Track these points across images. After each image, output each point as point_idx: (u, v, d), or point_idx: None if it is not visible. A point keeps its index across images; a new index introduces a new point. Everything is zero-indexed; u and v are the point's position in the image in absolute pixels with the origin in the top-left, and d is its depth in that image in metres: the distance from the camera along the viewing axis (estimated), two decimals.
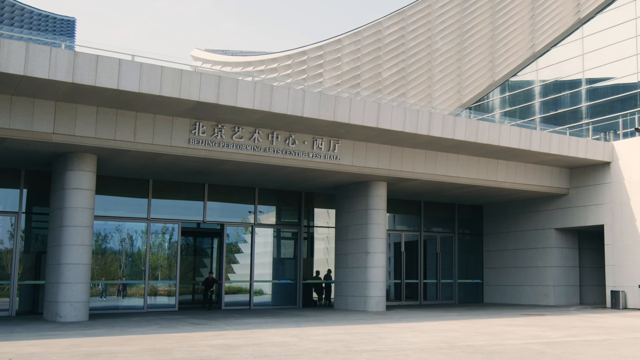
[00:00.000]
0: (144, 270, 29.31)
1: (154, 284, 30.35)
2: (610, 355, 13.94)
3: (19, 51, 18.11)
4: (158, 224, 29.74)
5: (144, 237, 29.40)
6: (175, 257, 30.19)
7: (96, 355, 13.43)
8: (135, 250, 29.97)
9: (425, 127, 26.41)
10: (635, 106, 43.28)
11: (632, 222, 31.97)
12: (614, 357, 13.66)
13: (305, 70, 71.07)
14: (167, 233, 30.35)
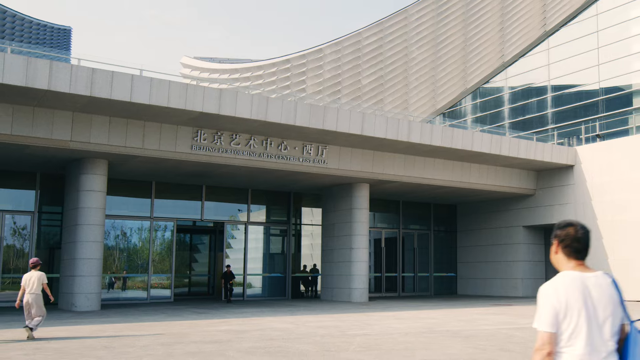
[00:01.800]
0: (147, 265, 30.46)
1: (155, 276, 31.44)
2: None
3: (44, 68, 19.31)
4: (160, 222, 30.89)
5: (147, 234, 30.54)
6: (173, 252, 31.36)
7: (123, 338, 14.73)
8: (138, 246, 31.09)
9: (405, 134, 27.77)
10: (597, 112, 44.70)
11: (593, 221, 33.33)
12: None
13: (289, 77, 71.85)
14: (167, 230, 31.46)
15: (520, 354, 12.54)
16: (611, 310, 3.75)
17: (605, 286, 3.80)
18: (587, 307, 3.71)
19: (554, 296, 3.76)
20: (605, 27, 45.25)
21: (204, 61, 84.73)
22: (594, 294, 3.75)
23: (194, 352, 12.45)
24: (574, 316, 3.69)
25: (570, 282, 3.78)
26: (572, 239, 3.93)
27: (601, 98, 44.70)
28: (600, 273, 3.86)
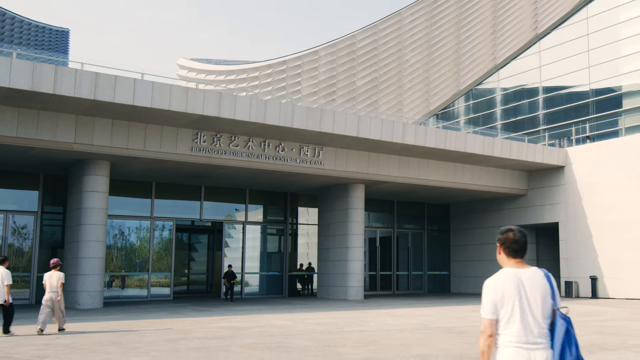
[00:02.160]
0: (145, 264, 30.86)
1: (155, 275, 31.81)
2: None
3: (49, 73, 19.72)
4: (159, 221, 31.28)
5: (146, 234, 30.92)
6: (172, 252, 31.78)
7: (131, 333, 15.16)
8: (138, 245, 31.47)
9: (400, 135, 28.23)
10: (587, 114, 45.23)
11: (583, 220, 33.86)
12: None
13: (284, 78, 72.21)
14: (166, 230, 31.86)
15: None
16: (541, 299, 4.45)
17: (538, 279, 4.51)
18: (520, 297, 4.42)
19: (493, 290, 4.49)
20: (596, 30, 45.78)
21: (200, 62, 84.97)
22: (527, 286, 4.46)
23: (198, 347, 12.87)
24: (509, 305, 4.42)
25: (507, 278, 4.50)
26: (511, 242, 4.68)
27: (592, 100, 45.23)
28: (534, 269, 4.59)
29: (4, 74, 18.94)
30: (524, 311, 4.41)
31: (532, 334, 4.40)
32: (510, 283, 4.47)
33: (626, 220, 31.74)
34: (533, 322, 4.42)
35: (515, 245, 4.68)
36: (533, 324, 4.41)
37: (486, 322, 4.47)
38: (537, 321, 4.42)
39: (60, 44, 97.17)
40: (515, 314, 4.42)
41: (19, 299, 27.28)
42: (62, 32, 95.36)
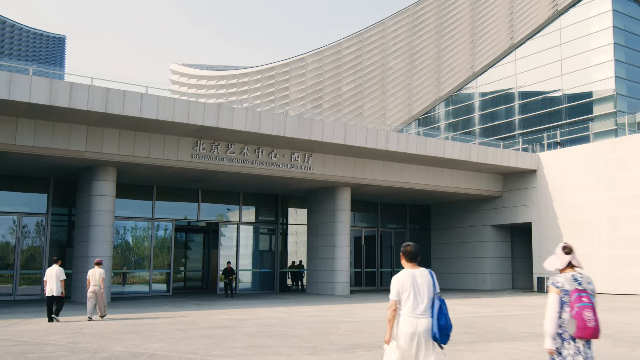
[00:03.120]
0: (145, 262, 32.32)
1: (156, 272, 33.23)
2: (524, 324, 17.57)
3: (65, 89, 21.17)
4: (159, 222, 32.73)
5: (148, 233, 32.37)
6: (172, 250, 33.26)
7: (143, 325, 16.68)
8: (139, 244, 32.87)
9: (383, 142, 29.83)
10: (560, 119, 47.00)
11: (554, 220, 35.53)
12: (526, 325, 17.30)
13: (273, 84, 73.47)
14: (166, 230, 33.30)
15: (479, 335, 14.57)
16: (427, 288, 6.75)
17: (425, 275, 6.83)
18: (413, 286, 6.72)
19: (397, 282, 6.78)
20: (568, 41, 47.51)
21: (191, 68, 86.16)
22: (418, 280, 6.77)
23: (208, 335, 14.41)
24: (407, 292, 6.70)
25: (406, 275, 6.79)
26: (409, 253, 6.96)
27: (564, 106, 47.02)
28: (423, 269, 6.92)
29: (24, 90, 20.40)
30: (415, 295, 6.70)
31: (419, 309, 6.67)
32: (408, 278, 6.77)
33: (593, 220, 33.42)
34: (420, 302, 6.70)
35: (411, 254, 6.95)
36: (420, 303, 6.69)
37: (392, 302, 6.75)
38: (423, 301, 6.71)
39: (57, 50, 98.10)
40: (410, 297, 6.70)
41: (31, 294, 28.80)
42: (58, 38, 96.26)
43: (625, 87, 45.04)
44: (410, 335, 6.61)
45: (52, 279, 17.80)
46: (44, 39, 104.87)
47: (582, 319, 6.01)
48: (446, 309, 6.76)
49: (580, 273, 6.34)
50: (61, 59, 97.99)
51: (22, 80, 20.48)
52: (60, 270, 17.96)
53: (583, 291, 6.15)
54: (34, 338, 13.71)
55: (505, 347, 12.38)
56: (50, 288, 17.67)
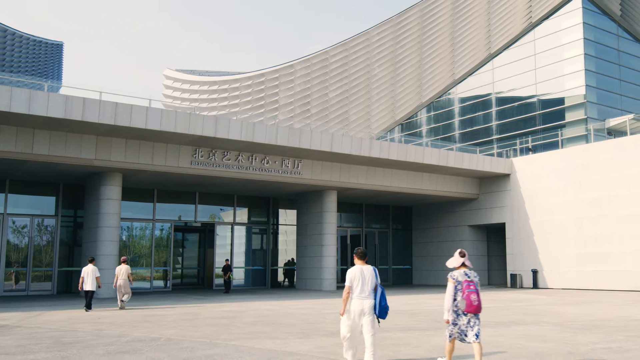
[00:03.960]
0: (145, 259, 34.10)
1: (157, 269, 35.00)
2: (488, 315, 19.51)
3: (79, 104, 22.97)
4: (160, 223, 34.52)
5: (149, 233, 34.15)
6: (171, 249, 35.07)
7: (153, 316, 18.51)
8: (140, 243, 34.62)
9: (367, 150, 31.73)
10: (534, 125, 49.00)
11: (526, 221, 37.49)
12: (490, 316, 19.25)
13: (263, 90, 75.09)
14: (165, 230, 35.08)
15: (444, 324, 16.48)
16: (371, 278, 9.42)
17: (370, 270, 9.47)
18: (362, 277, 9.39)
19: (351, 273, 9.46)
20: (542, 51, 49.51)
21: (185, 74, 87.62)
22: (365, 273, 9.46)
23: (212, 323, 16.26)
24: (356, 280, 9.37)
25: (357, 269, 9.50)
26: (360, 253, 9.67)
27: (538, 112, 49.02)
28: (369, 265, 9.57)
29: (42, 106, 22.19)
30: (362, 283, 9.41)
31: (365, 293, 9.39)
32: (358, 271, 9.51)
33: (562, 221, 35.41)
34: (366, 288, 9.42)
35: (361, 255, 9.71)
36: (366, 289, 9.41)
37: (347, 287, 9.47)
38: (367, 288, 9.42)
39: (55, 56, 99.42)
40: (359, 284, 9.41)
41: (42, 290, 30.55)
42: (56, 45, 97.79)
43: (595, 95, 47.06)
44: (359, 312, 9.36)
45: (88, 276, 20.82)
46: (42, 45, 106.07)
47: (470, 300, 8.85)
48: (385, 294, 9.48)
49: (469, 269, 9.22)
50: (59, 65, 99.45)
51: (40, 96, 22.27)
52: (94, 269, 21.05)
53: (471, 282, 8.99)
54: (62, 326, 15.53)
55: None
56: (86, 283, 20.75)
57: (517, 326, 15.79)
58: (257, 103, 75.39)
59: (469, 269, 9.31)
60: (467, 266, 9.31)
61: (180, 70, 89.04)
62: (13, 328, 15.10)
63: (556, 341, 12.66)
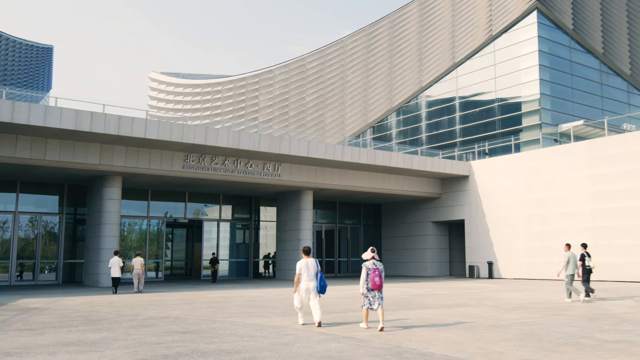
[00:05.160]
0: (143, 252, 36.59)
1: (151, 262, 37.55)
2: (441, 299, 22.41)
3: (87, 117, 25.55)
4: (153, 219, 37.08)
5: (144, 229, 36.71)
6: (163, 243, 37.67)
7: (156, 301, 21.19)
8: (135, 237, 37.14)
9: (340, 155, 34.53)
10: (494, 129, 52.03)
11: (482, 218, 40.47)
12: (442, 300, 22.14)
13: (244, 93, 77.45)
14: (158, 226, 37.64)
15: (403, 306, 19.32)
16: (313, 268, 13.74)
17: (313, 261, 13.77)
18: (307, 267, 13.68)
19: (299, 264, 13.68)
20: (501, 61, 52.52)
21: (169, 76, 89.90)
22: (309, 264, 13.72)
23: (207, 306, 18.98)
24: (303, 269, 13.66)
25: (303, 261, 13.75)
26: (306, 249, 13.90)
27: (498, 118, 52.01)
28: (312, 258, 13.80)
29: (55, 119, 24.75)
30: (308, 271, 13.55)
31: (310, 277, 13.57)
32: (304, 263, 13.61)
33: (514, 218, 38.41)
34: (310, 274, 13.59)
35: (307, 251, 13.78)
36: (310, 274, 13.59)
37: (297, 274, 13.49)
38: (311, 273, 13.60)
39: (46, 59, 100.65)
40: (305, 271, 13.54)
41: (48, 280, 33.06)
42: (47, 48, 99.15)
43: (550, 102, 50.13)
44: (305, 289, 13.65)
45: (115, 266, 24.97)
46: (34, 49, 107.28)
47: (374, 281, 12.75)
48: (324, 277, 13.69)
49: (377, 261, 12.99)
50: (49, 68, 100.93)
51: (54, 111, 24.84)
52: (119, 260, 25.13)
53: (376, 269, 12.77)
54: (85, 308, 18.17)
55: (416, 312, 17.12)
56: (113, 271, 24.92)
57: (460, 308, 18.63)
58: (238, 105, 77.87)
59: (377, 261, 13.09)
60: (375, 259, 13.11)
61: (165, 73, 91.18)
62: (44, 310, 17.74)
63: (486, 318, 15.52)
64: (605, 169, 33.39)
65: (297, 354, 9.78)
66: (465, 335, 11.97)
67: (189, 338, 11.62)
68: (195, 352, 9.94)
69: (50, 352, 9.95)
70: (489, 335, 11.96)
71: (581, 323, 14.00)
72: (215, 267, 35.98)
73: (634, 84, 57.91)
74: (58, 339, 11.47)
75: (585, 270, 22.08)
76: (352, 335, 12.08)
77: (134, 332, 12.49)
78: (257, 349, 10.31)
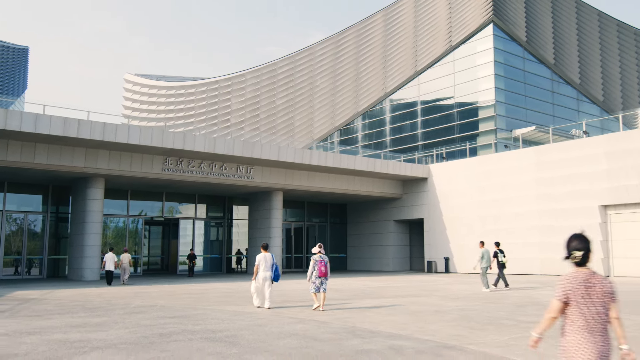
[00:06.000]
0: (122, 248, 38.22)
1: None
2: (397, 291, 24.41)
3: (74, 124, 27.13)
4: (132, 218, 38.61)
5: (124, 226, 38.25)
6: (142, 240, 39.26)
7: (141, 292, 22.89)
8: (115, 235, 38.68)
9: (308, 159, 36.42)
10: (453, 133, 54.31)
11: (440, 217, 42.57)
12: (398, 291, 24.15)
13: (217, 96, 78.86)
14: (136, 224, 39.19)
15: (361, 296, 21.27)
16: (270, 260, 16.76)
17: (269, 255, 16.84)
18: (265, 260, 16.68)
19: (258, 257, 16.66)
20: (460, 70, 54.86)
21: (144, 78, 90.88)
22: (267, 257, 16.76)
23: (188, 297, 20.75)
24: (262, 261, 16.64)
25: (262, 255, 16.76)
26: (264, 246, 16.97)
27: (456, 123, 54.33)
28: (269, 253, 17.11)
29: (45, 126, 26.29)
30: (265, 263, 16.53)
31: (267, 268, 16.53)
32: (262, 256, 16.60)
33: (469, 218, 40.56)
34: (267, 266, 16.57)
35: (265, 247, 16.93)
36: (267, 266, 16.56)
37: (256, 265, 16.43)
38: (268, 265, 16.60)
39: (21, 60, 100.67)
40: (263, 264, 16.48)
41: (34, 275, 34.48)
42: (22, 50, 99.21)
43: (504, 109, 52.59)
44: (263, 278, 16.43)
45: (109, 261, 27.02)
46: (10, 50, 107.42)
47: (320, 270, 15.18)
48: (278, 269, 15.73)
49: (323, 254, 15.57)
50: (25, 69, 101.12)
51: (44, 118, 26.38)
52: (114, 256, 27.18)
53: (322, 261, 15.31)
54: (79, 298, 19.85)
55: (373, 301, 19.06)
56: (108, 265, 26.91)
57: (412, 297, 20.65)
58: (211, 107, 79.32)
59: (323, 254, 16.00)
60: (322, 253, 15.99)
61: (139, 75, 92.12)
62: (42, 300, 19.39)
63: (432, 305, 17.53)
64: (550, 173, 35.68)
65: (270, 332, 11.67)
66: (411, 318, 13.97)
67: (177, 321, 13.45)
68: (185, 331, 11.79)
69: (64, 332, 11.72)
70: (430, 318, 13.97)
71: (510, 309, 16.09)
72: (193, 262, 37.61)
73: (583, 92, 60.68)
74: (65, 322, 13.23)
75: (499, 265, 24.96)
76: (315, 318, 14.01)
77: (129, 317, 14.28)
78: (236, 328, 12.19)
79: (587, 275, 4.78)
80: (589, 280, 4.76)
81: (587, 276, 4.78)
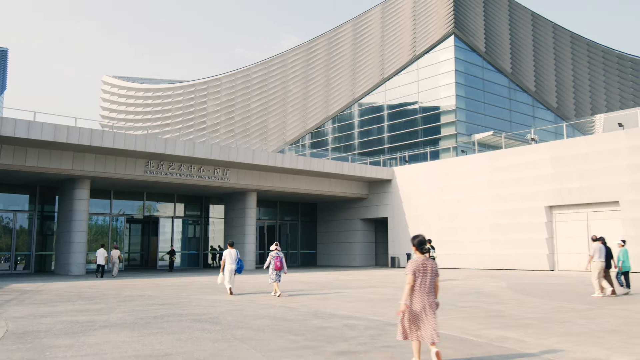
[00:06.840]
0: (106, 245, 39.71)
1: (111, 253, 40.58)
2: (361, 283, 26.40)
3: (64, 130, 28.70)
4: (115, 216, 40.14)
5: (107, 224, 39.76)
6: (124, 237, 40.81)
7: (128, 285, 24.60)
8: (99, 232, 40.17)
9: (280, 162, 38.28)
10: (417, 137, 56.46)
11: (402, 216, 44.63)
12: (362, 283, 26.14)
13: (193, 98, 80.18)
14: (119, 222, 40.72)
15: (329, 287, 23.19)
16: (235, 255, 19.76)
17: (234, 251, 19.88)
18: (230, 255, 19.69)
19: (225, 252, 19.65)
20: (424, 78, 57.02)
21: (122, 80, 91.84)
22: (232, 253, 19.75)
23: (172, 288, 22.50)
24: (228, 256, 19.70)
25: (228, 251, 19.73)
26: (230, 243, 20.02)
27: (420, 127, 56.45)
28: (234, 249, 20.03)
29: (37, 132, 27.85)
30: (230, 257, 19.57)
31: (232, 261, 19.58)
32: (229, 252, 19.63)
33: (429, 217, 42.67)
34: (233, 260, 19.61)
35: (231, 243, 19.91)
36: (233, 260, 19.60)
37: (224, 259, 19.47)
38: (233, 259, 19.62)
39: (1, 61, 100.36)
40: (229, 257, 19.56)
41: (22, 270, 35.90)
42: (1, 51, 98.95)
43: (465, 115, 54.85)
44: (229, 270, 19.44)
45: (100, 256, 29.61)
46: None
47: (276, 263, 17.96)
48: (242, 262, 18.26)
49: (279, 251, 17.94)
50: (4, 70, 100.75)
51: (36, 125, 27.93)
52: (104, 251, 29.62)
53: (278, 257, 17.93)
54: (72, 290, 21.52)
55: (337, 290, 20.99)
56: (99, 260, 29.53)
57: (372, 288, 22.61)
58: (187, 110, 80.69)
59: (279, 251, 18.69)
60: (278, 250, 18.73)
61: (117, 77, 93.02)
62: (40, 291, 21.05)
63: (388, 294, 19.50)
64: (502, 176, 37.93)
65: (247, 315, 13.59)
66: (366, 304, 15.96)
67: (166, 307, 15.29)
68: (175, 314, 13.65)
69: (71, 315, 13.51)
70: (383, 304, 15.97)
71: (453, 297, 18.15)
72: (172, 257, 39.26)
73: (538, 99, 63.30)
74: (69, 309, 15.00)
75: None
76: (285, 305, 15.93)
77: (124, 304, 16.08)
78: (218, 312, 14.07)
79: (424, 260, 7.70)
80: (424, 263, 7.68)
81: (424, 260, 7.70)
